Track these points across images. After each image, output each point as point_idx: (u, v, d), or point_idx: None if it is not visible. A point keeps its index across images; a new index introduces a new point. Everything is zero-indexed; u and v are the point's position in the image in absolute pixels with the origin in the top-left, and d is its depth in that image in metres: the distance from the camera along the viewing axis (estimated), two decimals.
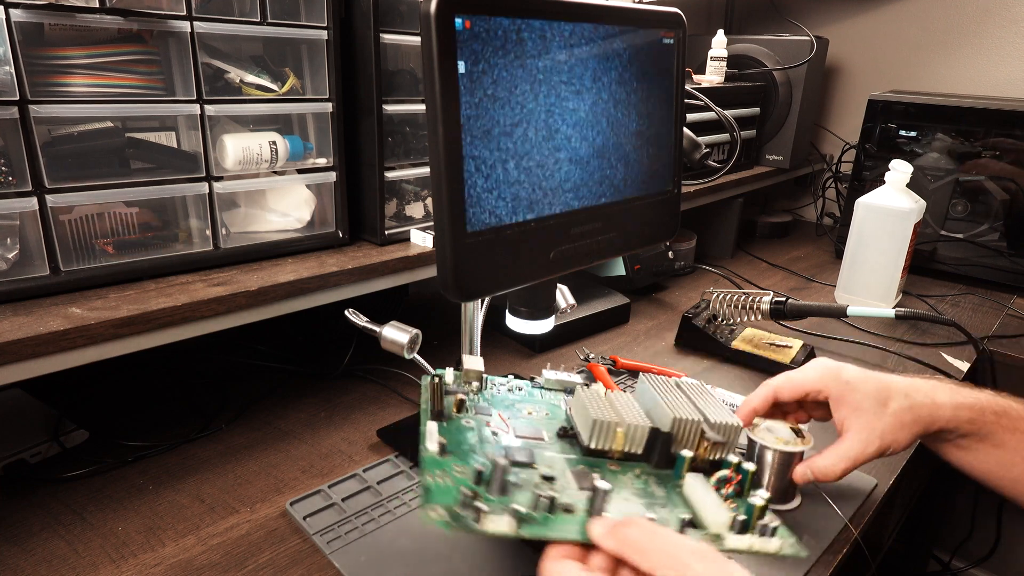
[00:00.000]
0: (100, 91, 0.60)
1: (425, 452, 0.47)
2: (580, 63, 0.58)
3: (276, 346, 0.90)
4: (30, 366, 0.53)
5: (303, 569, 0.53)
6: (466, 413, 0.54)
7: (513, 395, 0.60)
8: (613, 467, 0.52)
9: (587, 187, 0.61)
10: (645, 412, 0.55)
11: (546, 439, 0.54)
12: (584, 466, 0.51)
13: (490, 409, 0.56)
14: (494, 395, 0.59)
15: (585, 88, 0.59)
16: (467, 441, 0.51)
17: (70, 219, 0.61)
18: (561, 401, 0.61)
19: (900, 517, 0.92)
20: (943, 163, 1.22)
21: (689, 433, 0.53)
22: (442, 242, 0.51)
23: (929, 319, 0.99)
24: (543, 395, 0.62)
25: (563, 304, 0.71)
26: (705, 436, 0.53)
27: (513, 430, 0.54)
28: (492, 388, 0.60)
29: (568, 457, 0.52)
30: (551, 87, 0.56)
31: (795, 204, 1.72)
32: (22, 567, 0.53)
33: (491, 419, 0.55)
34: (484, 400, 0.58)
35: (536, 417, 0.57)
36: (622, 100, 0.62)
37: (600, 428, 0.52)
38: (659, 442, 0.52)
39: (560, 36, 0.55)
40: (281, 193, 0.75)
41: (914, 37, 1.47)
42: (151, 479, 0.64)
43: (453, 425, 0.52)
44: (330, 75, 0.73)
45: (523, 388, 0.61)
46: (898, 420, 0.58)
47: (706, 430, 0.52)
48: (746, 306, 0.93)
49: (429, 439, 0.48)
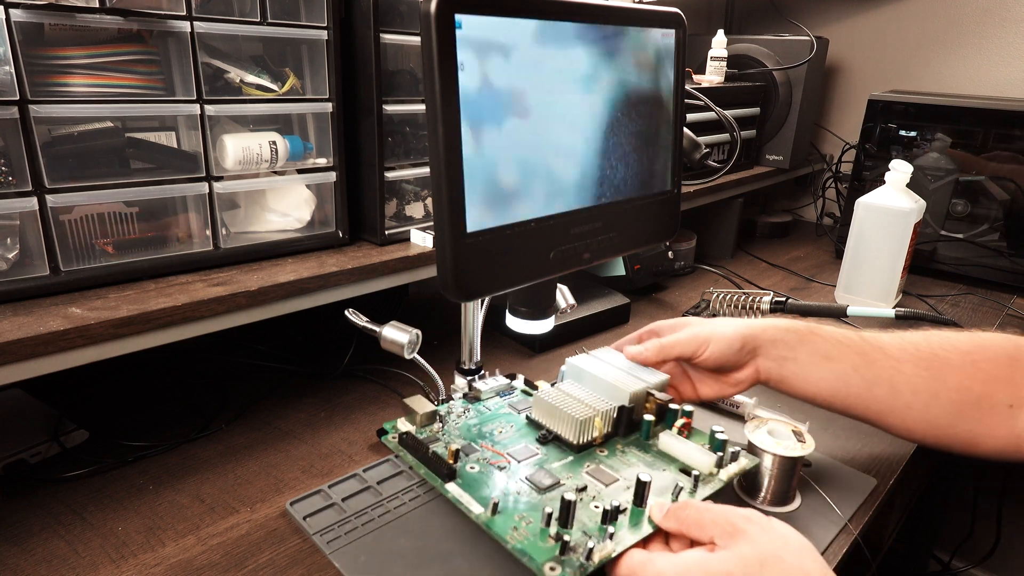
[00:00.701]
0: (100, 91, 0.60)
1: (484, 518, 0.50)
2: (580, 63, 0.58)
3: (276, 346, 0.90)
4: (30, 366, 0.53)
5: (303, 569, 0.53)
6: (464, 459, 0.57)
7: (471, 420, 0.63)
8: (601, 451, 0.59)
9: (587, 187, 0.61)
10: (600, 394, 0.62)
11: (541, 453, 0.58)
12: (589, 462, 0.57)
13: (472, 445, 0.59)
14: (460, 427, 0.62)
15: (585, 88, 0.59)
16: (492, 486, 0.54)
17: (70, 219, 0.61)
18: (505, 407, 0.65)
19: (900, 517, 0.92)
20: (943, 163, 1.22)
21: (642, 399, 0.62)
22: (442, 242, 0.51)
23: (929, 319, 0.99)
24: (491, 408, 0.65)
25: (563, 304, 0.72)
26: (654, 397, 0.62)
27: (513, 457, 0.57)
28: (449, 418, 0.63)
29: (567, 460, 0.57)
30: (551, 87, 0.56)
31: (795, 204, 1.72)
32: (22, 567, 0.53)
33: (482, 454, 0.58)
34: (460, 438, 0.61)
35: (509, 434, 0.61)
36: (622, 100, 0.62)
37: (583, 425, 0.58)
38: (624, 415, 0.60)
39: (560, 36, 0.55)
40: (281, 193, 0.75)
41: (914, 37, 1.47)
42: (151, 479, 0.64)
43: (468, 478, 0.55)
44: (330, 75, 0.73)
45: (469, 409, 0.65)
46: (715, 325, 0.65)
47: (654, 393, 0.62)
48: (746, 306, 0.93)
49: (477, 506, 0.51)
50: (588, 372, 0.63)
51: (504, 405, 0.65)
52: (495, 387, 0.67)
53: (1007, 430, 0.59)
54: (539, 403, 0.61)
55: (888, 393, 0.62)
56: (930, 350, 0.62)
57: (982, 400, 0.60)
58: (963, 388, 0.60)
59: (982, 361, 0.61)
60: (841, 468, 0.66)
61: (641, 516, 0.50)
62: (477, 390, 0.65)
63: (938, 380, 0.61)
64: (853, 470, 0.66)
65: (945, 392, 0.61)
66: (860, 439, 0.72)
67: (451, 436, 0.59)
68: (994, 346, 0.62)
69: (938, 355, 0.62)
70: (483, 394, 0.66)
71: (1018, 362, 0.60)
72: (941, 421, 0.61)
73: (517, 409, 0.65)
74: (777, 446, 0.59)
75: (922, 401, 0.61)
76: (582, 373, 0.63)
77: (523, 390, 0.68)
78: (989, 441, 0.60)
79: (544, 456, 0.57)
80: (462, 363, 0.72)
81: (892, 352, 0.63)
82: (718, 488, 0.55)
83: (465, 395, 0.65)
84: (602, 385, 0.62)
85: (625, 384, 0.61)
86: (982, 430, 0.60)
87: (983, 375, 0.60)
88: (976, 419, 0.60)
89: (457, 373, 0.72)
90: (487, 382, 0.67)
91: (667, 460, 0.58)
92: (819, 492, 0.63)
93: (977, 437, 0.60)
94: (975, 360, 0.61)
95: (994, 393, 0.60)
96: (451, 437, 0.59)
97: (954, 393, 0.60)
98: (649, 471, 0.56)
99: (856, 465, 0.67)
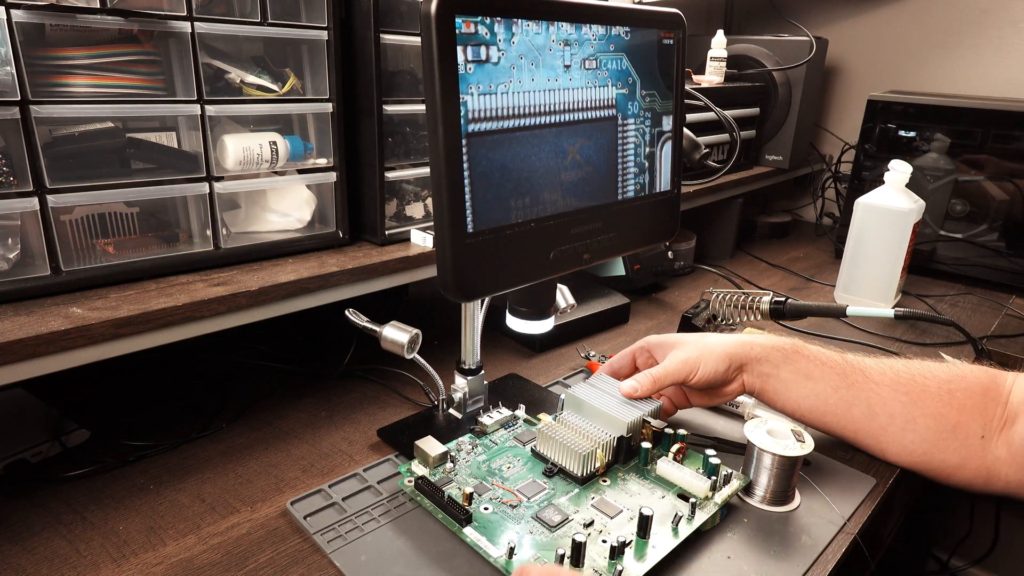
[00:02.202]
0: (101, 91, 0.60)
1: (502, 561, 0.51)
2: (580, 63, 0.58)
3: (276, 346, 0.90)
4: (31, 366, 0.54)
5: (303, 568, 0.53)
6: (477, 499, 0.58)
7: (480, 457, 0.64)
8: (604, 481, 0.61)
9: (587, 187, 0.61)
10: (599, 424, 0.64)
11: (548, 487, 0.60)
12: (593, 493, 0.59)
13: (484, 484, 0.60)
14: (470, 465, 0.63)
15: (585, 88, 0.59)
16: (507, 526, 0.55)
17: (71, 219, 0.61)
18: (511, 439, 0.67)
19: (899, 516, 0.92)
20: (942, 163, 1.22)
21: (638, 427, 0.64)
22: (442, 242, 0.51)
23: (928, 319, 0.99)
24: (498, 441, 0.67)
25: (563, 304, 0.72)
26: (649, 424, 0.64)
27: (523, 494, 0.59)
28: (459, 456, 0.64)
29: (573, 492, 0.59)
30: (551, 87, 0.56)
31: (795, 204, 1.72)
32: (24, 566, 0.53)
33: (494, 492, 0.59)
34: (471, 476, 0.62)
35: (517, 468, 0.63)
36: (622, 100, 0.63)
37: (586, 458, 0.60)
38: (624, 444, 0.62)
39: (560, 36, 0.56)
40: (281, 193, 0.75)
41: (913, 38, 1.47)
42: (152, 479, 0.64)
43: (483, 520, 0.56)
44: (330, 75, 0.73)
45: (477, 445, 0.66)
46: (702, 345, 0.67)
47: (649, 420, 0.64)
48: (746, 306, 0.93)
49: (495, 550, 0.52)
50: (587, 403, 0.65)
51: (509, 438, 0.67)
52: (499, 420, 0.69)
53: (978, 461, 0.61)
54: (543, 437, 0.63)
55: (865, 414, 0.65)
56: (910, 376, 0.64)
57: (957, 429, 0.61)
58: (939, 415, 0.62)
59: (958, 391, 0.62)
60: (840, 467, 0.67)
61: (645, 548, 0.53)
62: (483, 425, 0.68)
63: (916, 406, 0.63)
64: (852, 469, 0.66)
65: (922, 419, 0.63)
66: None
67: (463, 476, 0.61)
68: (971, 376, 0.63)
69: (917, 381, 0.64)
70: (488, 428, 0.68)
71: (991, 393, 0.62)
72: (916, 447, 0.63)
73: (522, 441, 0.67)
74: (776, 445, 0.60)
75: (898, 425, 0.64)
76: (581, 404, 0.66)
77: (525, 420, 0.70)
78: (962, 472, 0.62)
79: (552, 490, 0.59)
80: (462, 363, 0.72)
81: (872, 375, 0.65)
82: (713, 512, 0.57)
83: (472, 430, 0.68)
84: (601, 416, 0.64)
85: (622, 415, 0.63)
86: (955, 460, 0.62)
87: (958, 404, 0.62)
88: (951, 449, 0.62)
89: (457, 373, 0.72)
90: (491, 415, 0.69)
91: (666, 485, 0.61)
92: (819, 492, 0.63)
93: (950, 468, 0.62)
94: (951, 389, 0.63)
95: (968, 422, 0.61)
96: (463, 477, 0.61)
97: (931, 420, 0.62)
98: (650, 499, 0.59)
99: (855, 464, 0.67)
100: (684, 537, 0.54)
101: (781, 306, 0.92)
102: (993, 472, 0.60)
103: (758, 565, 0.54)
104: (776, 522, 0.59)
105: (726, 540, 0.57)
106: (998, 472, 0.60)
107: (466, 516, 0.55)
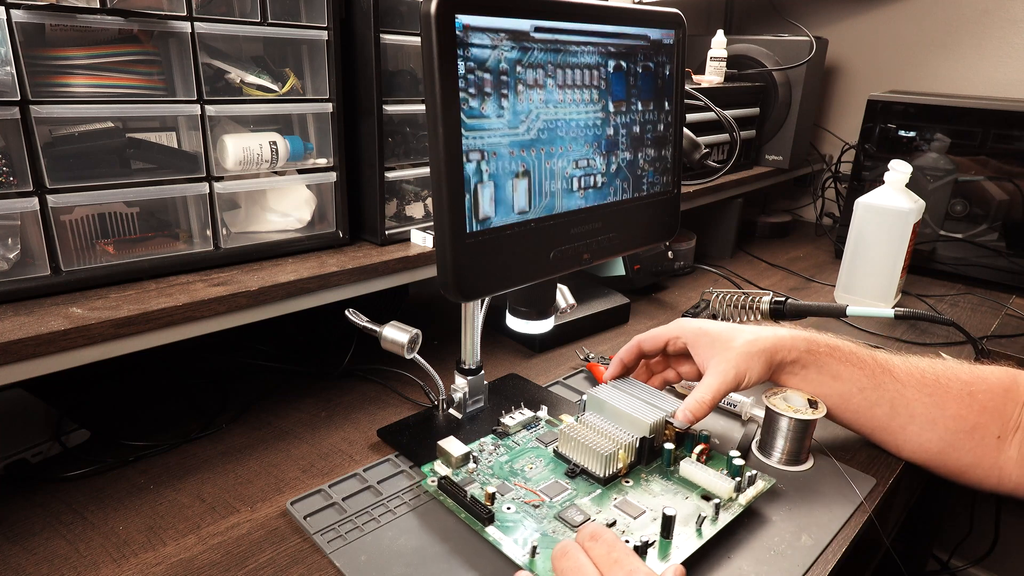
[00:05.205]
0: (101, 91, 0.60)
1: (524, 560, 0.51)
2: (580, 63, 0.58)
3: (276, 346, 0.90)
4: (31, 366, 0.54)
5: (303, 568, 0.53)
6: (500, 499, 0.58)
7: (502, 458, 0.64)
8: (627, 482, 0.61)
9: (587, 187, 0.61)
10: (621, 425, 0.64)
11: (570, 488, 0.60)
12: (616, 493, 0.59)
13: (507, 484, 0.60)
14: (492, 465, 0.63)
15: (585, 88, 0.59)
16: (528, 527, 0.55)
17: (71, 219, 0.61)
18: (533, 440, 0.67)
19: (899, 516, 0.92)
20: (942, 163, 1.22)
21: (661, 428, 0.64)
22: (442, 242, 0.51)
23: (928, 319, 0.99)
24: (520, 442, 0.67)
25: (563, 304, 0.72)
26: (672, 425, 0.64)
27: (545, 495, 0.59)
28: (482, 456, 0.64)
29: (596, 493, 0.59)
30: (551, 87, 0.56)
31: (795, 204, 1.72)
32: (24, 566, 0.53)
33: (516, 492, 0.59)
34: (494, 476, 0.62)
35: (539, 469, 0.63)
36: (622, 100, 0.63)
37: (609, 459, 0.60)
38: (646, 445, 0.62)
39: (560, 36, 0.56)
40: (281, 193, 0.75)
41: (913, 37, 1.47)
42: (152, 479, 0.64)
43: (505, 519, 0.56)
44: (330, 75, 0.73)
45: (500, 445, 0.66)
46: (747, 351, 0.66)
47: (671, 421, 0.64)
48: (746, 306, 0.93)
49: (513, 548, 0.52)
50: (609, 404, 0.65)
51: (532, 439, 0.67)
52: (521, 421, 0.69)
53: (992, 461, 0.61)
54: (565, 438, 0.63)
55: (887, 413, 0.65)
56: (934, 376, 0.65)
57: (975, 430, 0.62)
58: (959, 417, 0.62)
59: (979, 392, 0.63)
60: (841, 467, 0.67)
61: (669, 548, 0.52)
62: (505, 426, 0.68)
63: (937, 407, 0.63)
64: (853, 469, 0.66)
65: (942, 420, 0.63)
66: (860, 438, 0.72)
67: (485, 476, 0.61)
68: (992, 377, 0.64)
69: (940, 383, 0.64)
70: (511, 429, 0.68)
71: (1011, 393, 0.62)
72: (932, 447, 0.64)
73: (544, 442, 0.67)
74: (790, 410, 0.64)
75: (918, 425, 0.64)
76: (603, 405, 0.66)
77: (547, 421, 0.71)
78: (974, 471, 0.62)
79: (574, 491, 0.59)
80: (462, 363, 0.72)
81: (899, 375, 0.66)
82: (738, 513, 0.57)
83: (494, 431, 0.68)
84: (623, 417, 0.64)
85: (644, 415, 0.63)
86: (969, 459, 0.62)
87: (979, 406, 0.62)
88: (966, 448, 0.62)
89: (457, 373, 0.72)
90: (513, 416, 0.69)
91: (689, 487, 0.60)
92: (832, 462, 0.66)
93: (963, 466, 0.63)
94: (973, 391, 0.63)
95: (987, 423, 0.62)
96: (486, 477, 0.61)
97: (951, 421, 0.63)
98: (673, 500, 0.58)
99: (856, 464, 0.67)
100: (708, 538, 0.54)
101: (781, 306, 0.92)
102: (1005, 472, 0.61)
103: (760, 563, 0.54)
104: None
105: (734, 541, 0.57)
106: (1010, 473, 0.61)
107: (489, 515, 0.55)
